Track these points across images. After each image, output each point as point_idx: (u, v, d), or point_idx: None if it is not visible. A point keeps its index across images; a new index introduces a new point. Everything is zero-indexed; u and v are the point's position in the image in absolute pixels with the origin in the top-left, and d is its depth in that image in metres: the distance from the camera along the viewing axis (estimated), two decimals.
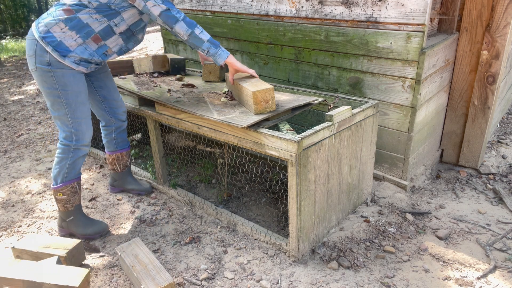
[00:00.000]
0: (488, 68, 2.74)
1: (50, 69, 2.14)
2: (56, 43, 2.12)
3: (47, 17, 2.15)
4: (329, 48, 2.77)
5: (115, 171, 2.84)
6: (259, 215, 2.58)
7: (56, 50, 2.13)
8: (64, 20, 2.12)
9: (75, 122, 2.26)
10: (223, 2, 3.33)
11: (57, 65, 2.15)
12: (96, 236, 2.41)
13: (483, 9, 2.65)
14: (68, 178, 2.32)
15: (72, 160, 2.31)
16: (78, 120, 2.27)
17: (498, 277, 2.01)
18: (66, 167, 2.30)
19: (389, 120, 2.65)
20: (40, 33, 2.11)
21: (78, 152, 2.32)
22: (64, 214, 2.38)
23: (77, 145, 2.30)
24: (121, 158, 2.79)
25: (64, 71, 2.17)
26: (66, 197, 2.33)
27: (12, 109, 5.26)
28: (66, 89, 2.20)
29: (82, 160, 2.37)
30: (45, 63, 2.13)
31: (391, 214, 2.52)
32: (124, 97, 2.77)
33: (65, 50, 2.15)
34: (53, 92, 2.18)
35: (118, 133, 2.71)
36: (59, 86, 2.18)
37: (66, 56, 2.16)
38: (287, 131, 2.21)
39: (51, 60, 2.13)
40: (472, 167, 3.07)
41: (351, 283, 1.99)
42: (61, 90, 2.19)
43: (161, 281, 1.87)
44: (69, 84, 2.20)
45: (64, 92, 2.19)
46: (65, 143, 2.29)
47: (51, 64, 2.14)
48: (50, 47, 2.11)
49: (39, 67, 2.14)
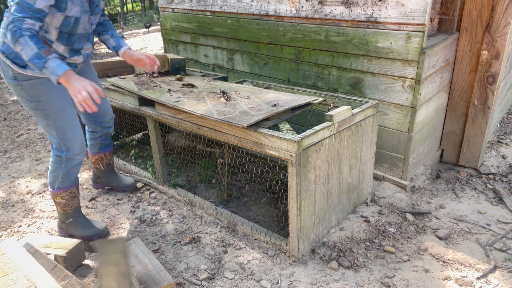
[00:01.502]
0: (488, 68, 2.74)
1: (17, 82, 1.99)
2: (14, 55, 1.95)
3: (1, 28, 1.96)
4: (329, 48, 2.77)
5: (98, 169, 2.82)
6: (259, 215, 2.58)
7: (15, 62, 1.97)
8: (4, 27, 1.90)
9: (59, 132, 2.13)
10: (223, 2, 3.33)
11: (23, 77, 1.99)
12: (95, 238, 2.41)
13: (483, 9, 2.65)
14: (64, 185, 2.28)
15: (66, 170, 2.23)
16: (62, 129, 2.13)
17: (498, 277, 2.01)
18: (60, 177, 2.24)
19: (389, 120, 2.65)
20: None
21: (70, 162, 2.22)
22: (63, 216, 2.37)
23: (67, 155, 2.19)
24: (105, 158, 2.77)
25: (32, 82, 2.00)
26: (65, 201, 2.31)
27: (12, 109, 5.26)
28: (40, 100, 2.04)
29: (78, 167, 2.28)
30: (11, 77, 1.99)
31: (391, 214, 2.52)
32: (124, 97, 2.77)
33: (22, 60, 1.97)
34: (29, 104, 2.06)
35: (103, 139, 2.69)
36: (32, 98, 2.03)
37: (26, 66, 1.98)
38: (287, 131, 2.21)
39: (14, 73, 1.98)
40: (472, 167, 3.07)
41: (351, 283, 1.99)
42: (36, 102, 2.04)
43: (161, 281, 1.87)
44: (41, 94, 2.04)
45: (39, 103, 2.05)
46: (57, 153, 2.20)
47: (16, 77, 1.99)
48: (9, 60, 1.96)
49: (9, 82, 2.01)
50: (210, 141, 3.26)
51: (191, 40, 3.85)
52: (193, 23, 3.71)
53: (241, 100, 2.39)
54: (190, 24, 3.76)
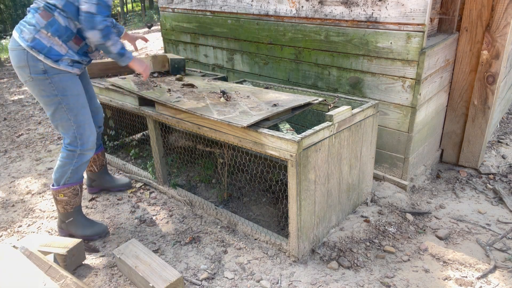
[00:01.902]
0: (488, 68, 2.74)
1: (46, 76, 2.08)
2: (47, 50, 2.06)
3: (26, 24, 2.07)
4: (329, 48, 2.77)
5: (91, 172, 2.84)
6: (259, 215, 2.58)
7: (48, 57, 2.07)
8: (44, 27, 2.05)
9: (79, 127, 2.23)
10: (223, 2, 3.33)
11: (53, 71, 2.10)
12: (95, 238, 2.41)
13: (483, 9, 2.65)
14: (70, 181, 2.30)
15: (76, 166, 2.28)
16: (82, 124, 2.24)
17: (498, 277, 2.01)
18: (69, 172, 2.28)
19: (389, 120, 2.65)
20: (27, 42, 2.03)
21: (82, 158, 2.29)
22: (63, 215, 2.37)
23: (82, 150, 2.27)
24: (97, 159, 2.79)
25: (61, 76, 2.13)
26: (67, 198, 2.32)
27: (12, 109, 5.26)
28: (66, 94, 2.16)
29: (86, 165, 2.34)
30: (40, 71, 2.07)
31: (391, 214, 2.52)
32: (124, 97, 2.77)
33: (56, 55, 2.09)
34: (53, 99, 2.14)
35: (97, 139, 2.71)
36: (59, 92, 2.13)
37: (59, 60, 2.11)
38: (287, 131, 2.21)
39: (46, 67, 2.07)
40: (472, 167, 3.07)
41: (351, 283, 1.99)
42: (61, 96, 2.14)
43: (169, 277, 1.87)
44: (68, 88, 2.16)
45: (64, 98, 2.15)
46: (70, 148, 2.25)
47: (47, 71, 2.08)
48: (41, 55, 2.05)
49: (35, 76, 2.07)
50: (210, 141, 3.26)
51: (191, 40, 3.84)
52: (193, 23, 3.71)
53: (241, 100, 2.39)
54: (190, 24, 3.76)
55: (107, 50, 2.17)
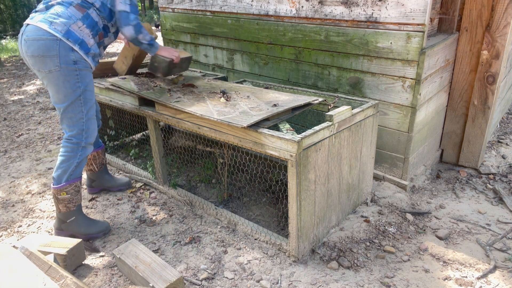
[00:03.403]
0: (488, 68, 2.74)
1: (77, 67, 2.19)
2: (80, 41, 2.18)
3: (59, 17, 2.16)
4: (329, 48, 2.77)
5: (92, 171, 2.85)
6: (259, 215, 2.58)
7: (81, 48, 2.19)
8: (81, 19, 2.19)
9: (88, 121, 2.31)
10: (223, 2, 3.33)
11: (82, 63, 2.21)
12: (100, 235, 2.41)
13: (483, 9, 2.65)
14: (73, 177, 2.32)
15: (80, 159, 2.32)
16: (91, 119, 2.33)
17: (498, 277, 2.01)
18: (73, 166, 2.31)
19: (389, 120, 2.65)
20: (61, 32, 2.12)
21: (86, 151, 2.34)
22: (64, 215, 2.36)
23: (86, 143, 2.33)
24: (97, 157, 2.80)
25: (87, 71, 2.26)
26: (70, 196, 2.32)
27: (12, 109, 5.26)
28: (87, 88, 2.27)
29: (86, 160, 2.39)
30: (71, 61, 2.17)
31: (391, 214, 2.52)
32: (124, 97, 2.77)
33: (87, 48, 2.22)
34: (75, 91, 2.22)
35: None
36: (82, 85, 2.24)
37: (88, 53, 2.23)
38: (287, 131, 2.21)
39: (77, 57, 2.18)
40: (472, 167, 3.07)
41: (351, 283, 1.99)
42: (83, 89, 2.25)
43: (169, 277, 1.87)
44: (89, 83, 2.29)
45: (84, 91, 2.26)
46: (74, 141, 2.30)
47: (77, 62, 2.19)
48: (77, 45, 2.16)
49: (64, 66, 2.15)
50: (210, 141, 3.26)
51: (191, 40, 3.84)
52: (193, 23, 3.71)
53: (241, 100, 2.39)
54: (190, 24, 3.76)
55: (139, 43, 2.40)
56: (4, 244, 2.06)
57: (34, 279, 1.77)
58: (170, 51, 2.67)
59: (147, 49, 2.50)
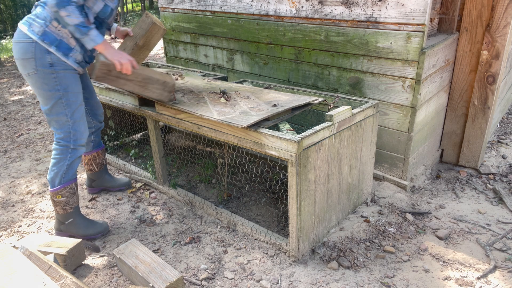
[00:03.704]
0: (488, 68, 2.74)
1: (53, 69, 2.13)
2: (58, 42, 2.11)
3: (37, 18, 2.10)
4: (329, 48, 2.77)
5: (92, 171, 2.84)
6: (259, 215, 2.58)
7: (59, 50, 2.12)
8: (55, 19, 2.09)
9: (75, 123, 2.26)
10: (223, 2, 3.33)
11: (60, 66, 2.15)
12: (98, 236, 2.41)
13: (483, 9, 2.65)
14: (65, 179, 2.30)
15: (70, 161, 2.30)
16: (78, 121, 2.27)
17: (498, 277, 2.01)
18: (64, 168, 2.28)
19: (389, 120, 2.65)
20: (38, 34, 2.07)
21: (76, 153, 2.31)
22: (62, 216, 2.36)
23: (75, 145, 2.29)
24: (97, 157, 2.79)
25: (66, 72, 2.18)
26: (65, 198, 2.32)
27: (12, 109, 5.26)
28: (68, 90, 2.20)
29: (79, 161, 2.36)
30: (47, 64, 2.11)
31: (391, 214, 2.52)
32: (124, 97, 2.77)
33: (67, 49, 2.15)
34: (54, 94, 2.17)
35: (96, 135, 2.72)
36: (61, 88, 2.17)
37: (68, 55, 2.16)
38: (287, 131, 2.21)
39: (53, 60, 2.12)
40: (472, 167, 3.07)
41: (351, 283, 1.99)
42: (63, 91, 2.18)
43: (169, 277, 1.87)
44: (70, 85, 2.20)
45: (65, 93, 2.19)
46: (63, 143, 2.27)
47: (53, 64, 2.12)
48: (53, 47, 2.10)
49: (41, 69, 2.11)
50: (210, 141, 3.26)
51: (191, 40, 3.84)
52: (193, 23, 3.71)
53: (241, 100, 2.39)
54: (190, 24, 3.76)
55: (64, 22, 2.02)
56: (4, 244, 2.06)
57: (34, 279, 1.77)
58: (117, 55, 2.14)
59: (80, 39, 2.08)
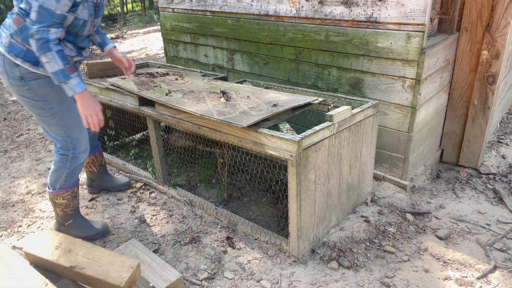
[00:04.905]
0: (488, 68, 2.74)
1: (24, 82, 2.00)
2: (24, 53, 1.97)
3: (4, 28, 2.00)
4: (329, 48, 2.77)
5: (91, 172, 2.83)
6: (259, 215, 2.58)
7: (27, 60, 1.97)
8: (15, 32, 1.96)
9: (67, 130, 2.16)
10: (223, 2, 3.33)
11: (30, 76, 2.01)
12: (98, 237, 2.41)
13: (483, 9, 2.65)
14: (67, 185, 2.27)
15: (70, 169, 2.24)
16: (70, 128, 2.16)
17: (498, 277, 2.01)
18: (64, 176, 2.24)
19: (389, 120, 2.65)
20: (5, 46, 1.96)
21: (76, 161, 2.24)
22: (62, 218, 2.36)
23: (74, 153, 2.21)
24: (96, 160, 2.78)
25: (39, 81, 2.03)
26: (66, 201, 2.31)
27: (12, 109, 5.26)
28: (47, 99, 2.07)
29: (81, 167, 2.30)
30: (17, 77, 1.99)
31: (391, 214, 2.52)
32: (124, 97, 2.77)
33: (35, 59, 1.99)
34: (35, 104, 2.06)
35: (92, 140, 2.70)
36: (39, 98, 2.05)
37: (38, 64, 2.00)
38: (287, 131, 2.21)
39: (22, 72, 1.98)
40: (472, 167, 3.07)
41: (351, 283, 1.99)
42: (42, 101, 2.06)
43: (169, 277, 1.87)
44: (48, 94, 2.06)
45: (46, 103, 2.07)
46: (62, 152, 2.20)
47: (23, 77, 1.99)
48: (19, 59, 1.96)
49: (13, 82, 2.00)
50: (210, 141, 3.26)
51: (191, 40, 3.84)
52: (193, 23, 3.71)
53: (241, 100, 2.39)
54: (190, 24, 3.76)
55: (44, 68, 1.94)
56: (4, 245, 2.06)
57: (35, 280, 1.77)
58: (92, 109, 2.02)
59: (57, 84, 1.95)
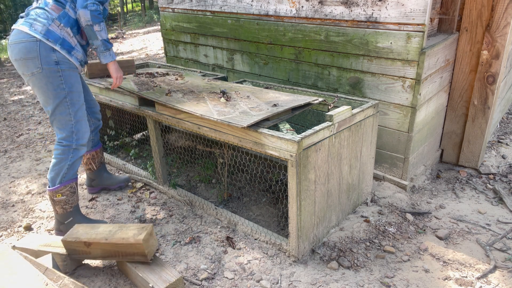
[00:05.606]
0: (488, 68, 2.74)
1: (59, 68, 2.16)
2: (61, 40, 2.15)
3: (37, 18, 2.13)
4: (329, 48, 2.77)
5: (91, 171, 2.85)
6: (259, 215, 2.58)
7: (63, 47, 2.15)
8: (57, 18, 2.15)
9: (78, 122, 2.28)
10: (223, 2, 3.33)
11: (65, 64, 2.18)
12: None
13: (483, 9, 2.65)
14: (66, 179, 2.31)
15: (72, 161, 2.30)
16: (80, 120, 2.29)
17: (498, 277, 2.01)
18: (65, 168, 2.29)
19: (389, 120, 2.65)
20: (41, 33, 2.10)
21: (77, 152, 2.32)
22: (62, 216, 2.36)
23: (77, 145, 2.30)
24: (96, 156, 2.81)
25: (71, 72, 2.22)
26: (65, 197, 2.32)
27: (12, 109, 5.26)
28: (72, 89, 2.23)
29: (80, 161, 2.37)
30: (53, 62, 2.13)
31: (391, 214, 2.52)
32: (124, 97, 2.77)
33: (69, 47, 2.19)
34: (60, 93, 2.18)
35: (95, 134, 2.74)
36: (66, 86, 2.20)
37: (71, 53, 2.20)
38: (287, 131, 2.21)
39: (59, 58, 2.14)
40: (472, 167, 3.07)
41: (351, 283, 1.99)
42: (68, 90, 2.21)
43: (169, 277, 1.87)
44: (74, 84, 2.24)
45: (70, 92, 2.22)
46: (65, 143, 2.28)
47: (59, 62, 2.15)
48: (58, 45, 2.13)
49: (46, 67, 2.12)
50: (210, 141, 3.26)
51: (191, 40, 3.84)
52: (193, 23, 3.71)
53: (241, 100, 2.39)
54: (190, 24, 3.76)
55: (94, 35, 2.20)
56: (4, 245, 2.06)
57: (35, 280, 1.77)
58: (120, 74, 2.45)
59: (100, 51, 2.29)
